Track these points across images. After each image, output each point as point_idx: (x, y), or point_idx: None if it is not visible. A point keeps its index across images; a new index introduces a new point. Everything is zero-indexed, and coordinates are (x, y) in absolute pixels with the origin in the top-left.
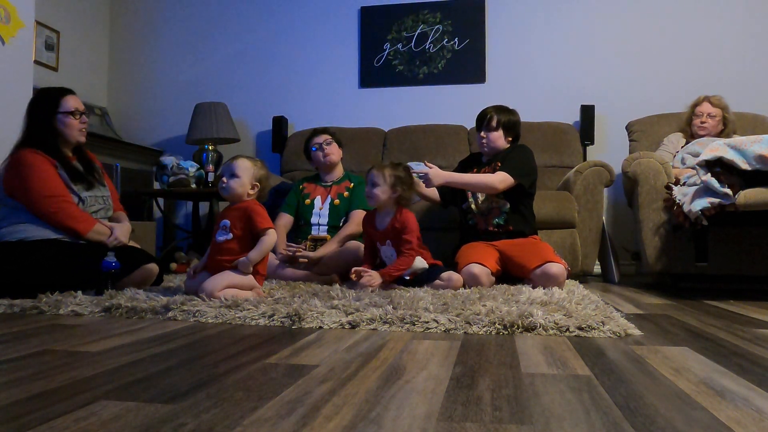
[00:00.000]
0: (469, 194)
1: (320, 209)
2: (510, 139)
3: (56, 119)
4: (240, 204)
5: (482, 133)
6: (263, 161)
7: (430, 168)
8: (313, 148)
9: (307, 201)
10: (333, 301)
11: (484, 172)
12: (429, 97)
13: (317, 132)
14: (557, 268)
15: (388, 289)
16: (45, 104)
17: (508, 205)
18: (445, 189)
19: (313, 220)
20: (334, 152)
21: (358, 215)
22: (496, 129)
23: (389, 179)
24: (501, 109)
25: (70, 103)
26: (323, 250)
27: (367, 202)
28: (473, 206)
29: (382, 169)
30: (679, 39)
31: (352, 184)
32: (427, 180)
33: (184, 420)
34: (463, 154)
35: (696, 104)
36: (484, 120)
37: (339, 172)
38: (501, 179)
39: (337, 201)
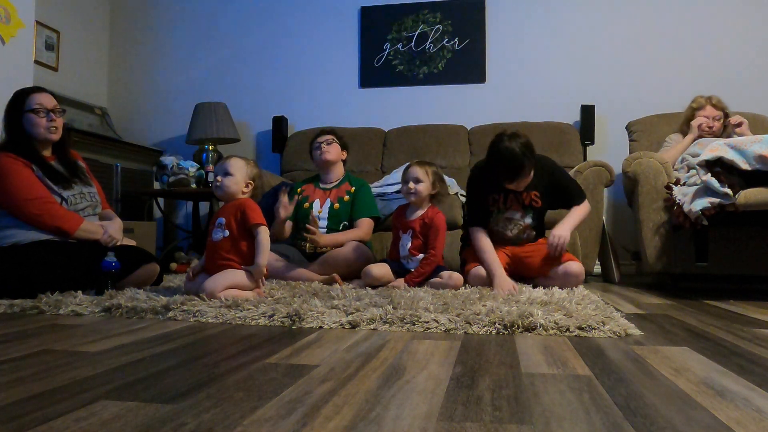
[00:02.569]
0: (494, 221)
1: (319, 212)
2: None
3: (24, 118)
4: (234, 201)
5: (515, 184)
6: (255, 161)
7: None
8: (315, 147)
9: (306, 204)
10: (333, 301)
11: (515, 203)
12: (429, 97)
13: (323, 132)
14: (578, 266)
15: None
16: (15, 105)
17: (534, 231)
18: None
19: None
20: (332, 151)
21: (367, 224)
22: (527, 175)
23: (432, 176)
24: (526, 152)
25: (35, 100)
26: (331, 239)
27: (407, 198)
28: (499, 232)
29: (423, 166)
30: (679, 39)
31: (354, 188)
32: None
33: (184, 420)
34: (462, 154)
35: (698, 107)
36: (515, 172)
37: (339, 173)
38: (588, 208)
39: (337, 205)
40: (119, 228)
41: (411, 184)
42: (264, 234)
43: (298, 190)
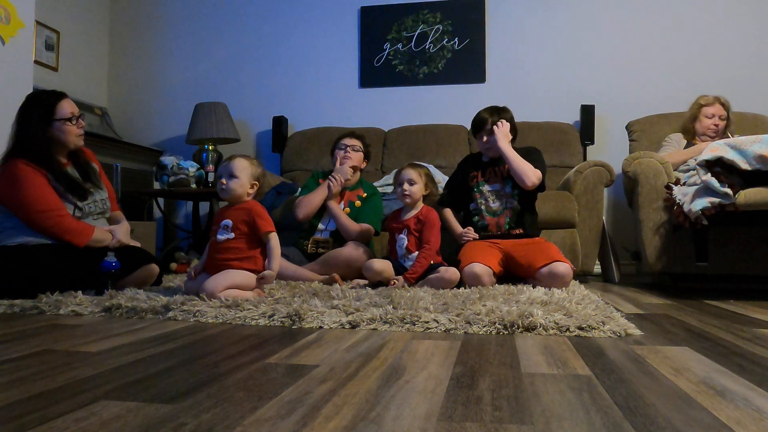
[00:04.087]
0: (478, 195)
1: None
2: (511, 136)
3: (53, 127)
4: (242, 204)
5: (485, 139)
6: (258, 159)
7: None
8: (341, 147)
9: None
10: (333, 301)
11: (494, 176)
12: (429, 97)
13: (354, 135)
14: (564, 267)
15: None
16: (39, 112)
17: (519, 206)
18: (454, 192)
19: (322, 224)
20: (354, 158)
21: (367, 229)
22: (491, 129)
23: (424, 178)
24: (494, 111)
25: (66, 108)
26: (343, 216)
27: (402, 200)
28: (483, 206)
29: (415, 168)
30: (679, 39)
31: (366, 194)
32: (493, 140)
33: (184, 420)
34: (463, 154)
35: (705, 104)
36: (481, 126)
37: (354, 179)
38: (537, 175)
39: (347, 209)
40: (126, 231)
41: (406, 186)
42: (275, 241)
43: (320, 180)
